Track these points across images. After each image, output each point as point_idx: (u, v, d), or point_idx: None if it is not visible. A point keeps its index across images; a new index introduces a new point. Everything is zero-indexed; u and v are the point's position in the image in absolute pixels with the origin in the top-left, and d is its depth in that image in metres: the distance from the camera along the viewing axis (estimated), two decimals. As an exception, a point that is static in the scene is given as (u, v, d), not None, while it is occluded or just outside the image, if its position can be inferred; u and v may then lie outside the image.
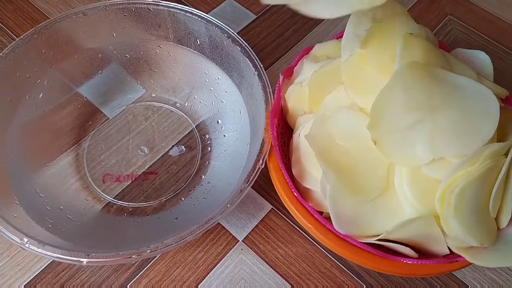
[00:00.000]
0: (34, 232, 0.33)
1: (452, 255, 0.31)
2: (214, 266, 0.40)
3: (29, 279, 0.38)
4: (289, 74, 0.39)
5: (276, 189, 0.35)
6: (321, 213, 0.33)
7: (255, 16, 0.56)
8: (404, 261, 0.30)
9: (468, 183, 0.28)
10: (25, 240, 0.31)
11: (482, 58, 0.36)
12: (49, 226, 0.35)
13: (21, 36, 0.39)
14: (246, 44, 0.40)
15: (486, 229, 0.30)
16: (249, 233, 0.41)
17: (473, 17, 0.57)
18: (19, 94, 0.39)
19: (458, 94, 0.30)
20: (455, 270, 0.32)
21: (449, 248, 0.31)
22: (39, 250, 0.31)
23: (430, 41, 0.33)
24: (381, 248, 0.31)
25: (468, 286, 0.40)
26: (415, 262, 0.30)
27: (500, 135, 0.31)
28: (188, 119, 0.47)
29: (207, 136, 0.46)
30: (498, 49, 0.54)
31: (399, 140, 0.30)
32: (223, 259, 0.40)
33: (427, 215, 0.29)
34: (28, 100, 0.40)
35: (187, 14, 0.41)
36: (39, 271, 0.39)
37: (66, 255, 0.31)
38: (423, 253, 0.32)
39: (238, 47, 0.40)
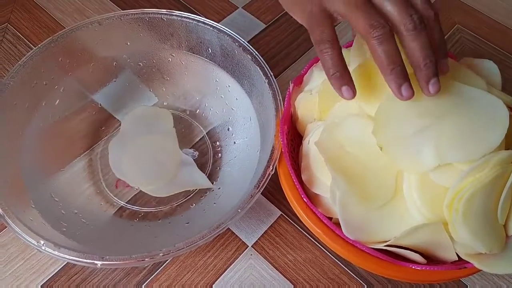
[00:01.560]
0: (50, 235, 0.33)
1: (460, 262, 0.31)
2: (224, 271, 0.40)
3: (43, 282, 0.39)
4: (299, 82, 0.40)
5: (285, 195, 0.35)
6: (330, 219, 0.33)
7: (265, 25, 0.56)
8: (413, 267, 0.31)
9: (477, 190, 0.28)
10: (42, 242, 0.32)
11: (490, 67, 0.37)
12: (64, 229, 0.36)
13: (39, 45, 0.40)
14: (257, 53, 0.41)
15: (495, 235, 0.30)
16: (258, 239, 0.42)
17: (482, 26, 0.58)
18: (36, 101, 0.41)
19: (467, 102, 0.31)
20: (464, 276, 0.32)
21: (457, 254, 0.31)
22: (55, 252, 0.32)
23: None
24: (390, 254, 0.31)
25: (477, 293, 0.40)
26: (423, 268, 0.30)
27: (508, 143, 0.31)
28: (199, 126, 0.47)
29: (217, 143, 0.46)
30: (506, 57, 0.55)
31: (405, 145, 0.30)
32: (233, 264, 0.41)
33: (435, 221, 0.30)
34: (44, 107, 0.41)
35: (199, 23, 0.42)
36: (52, 274, 0.40)
37: (81, 258, 0.32)
38: (431, 259, 0.32)
39: (248, 55, 0.40)
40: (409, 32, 0.28)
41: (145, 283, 0.39)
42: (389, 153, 0.31)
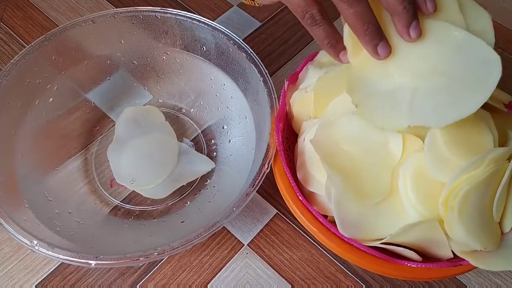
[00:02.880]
0: (43, 235, 0.33)
1: (456, 259, 0.31)
2: (220, 270, 0.40)
3: (37, 282, 0.39)
4: (294, 80, 0.39)
5: (281, 193, 0.35)
6: (325, 217, 0.33)
7: (260, 23, 0.56)
8: (408, 265, 0.31)
9: (472, 187, 0.28)
10: (35, 242, 0.32)
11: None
12: (58, 229, 0.36)
13: (32, 43, 0.40)
14: (252, 51, 0.40)
15: (490, 233, 0.30)
16: (254, 237, 0.42)
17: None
18: (29, 100, 0.40)
19: (451, 54, 0.29)
20: (459, 274, 0.32)
21: (453, 252, 0.31)
22: (49, 252, 0.31)
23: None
24: (386, 252, 0.31)
25: (472, 291, 0.40)
26: (419, 266, 0.30)
27: (502, 140, 0.31)
28: (194, 124, 0.47)
29: (212, 141, 0.46)
30: (502, 56, 0.55)
31: (379, 102, 0.30)
32: (229, 263, 0.40)
33: (431, 219, 0.30)
34: (37, 106, 0.41)
35: (193, 21, 0.42)
36: (47, 274, 0.39)
37: (74, 257, 0.31)
38: (427, 257, 0.32)
39: (243, 53, 0.40)
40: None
41: (140, 282, 0.39)
42: (363, 111, 0.30)
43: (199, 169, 0.43)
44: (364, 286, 0.40)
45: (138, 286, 0.39)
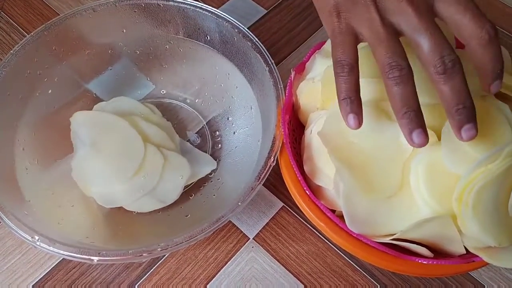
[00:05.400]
0: (45, 230, 0.33)
1: (468, 255, 0.30)
2: (225, 264, 0.39)
3: (41, 276, 0.39)
4: (301, 69, 0.38)
5: (287, 187, 0.34)
6: (333, 211, 0.32)
7: (266, 11, 0.55)
8: (420, 261, 0.30)
9: (487, 182, 0.27)
10: (36, 238, 0.31)
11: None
12: (60, 223, 0.35)
13: (31, 33, 0.39)
14: (257, 40, 0.39)
15: (505, 228, 0.29)
16: (260, 231, 0.41)
17: (490, 10, 0.56)
18: (30, 91, 0.39)
19: None
20: (472, 270, 0.31)
21: (465, 247, 0.30)
22: (50, 248, 0.31)
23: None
24: (395, 248, 0.30)
25: (484, 286, 0.39)
26: (430, 262, 0.29)
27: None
28: (199, 115, 0.46)
29: (217, 132, 0.45)
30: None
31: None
32: (234, 256, 0.40)
33: (444, 214, 0.28)
34: (38, 97, 0.40)
35: (197, 9, 0.41)
36: (50, 268, 0.39)
37: (76, 253, 0.31)
38: (438, 252, 0.31)
39: (248, 42, 0.39)
40: (438, 76, 0.26)
41: (144, 277, 0.39)
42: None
43: (201, 170, 0.41)
44: (373, 281, 0.39)
45: (142, 280, 0.39)
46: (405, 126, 0.27)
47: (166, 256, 0.40)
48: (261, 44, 0.39)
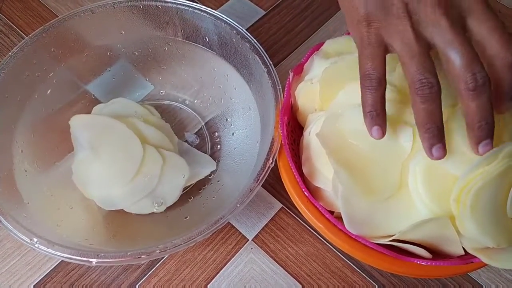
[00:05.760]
0: (44, 232, 0.33)
1: (467, 256, 0.30)
2: (224, 265, 0.39)
3: (40, 278, 0.38)
4: (299, 71, 0.38)
5: (286, 188, 0.34)
6: (332, 212, 0.32)
7: (264, 12, 0.55)
8: (418, 262, 0.30)
9: (485, 182, 0.27)
10: (35, 240, 0.31)
11: None
12: (59, 225, 0.35)
13: (30, 35, 0.39)
14: (255, 41, 0.39)
15: (503, 229, 0.29)
16: (259, 232, 0.41)
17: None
18: (29, 93, 0.39)
19: None
20: (470, 271, 0.31)
21: (464, 248, 0.30)
22: (49, 250, 0.31)
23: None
24: (394, 249, 0.30)
25: (483, 286, 0.39)
26: (429, 263, 0.29)
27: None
28: (197, 116, 0.46)
29: (216, 134, 0.45)
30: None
31: None
32: (233, 258, 0.40)
33: (442, 215, 0.28)
34: (37, 99, 0.40)
35: (195, 11, 0.41)
36: (49, 270, 0.39)
37: (75, 255, 0.31)
38: (437, 253, 0.31)
39: (247, 43, 0.39)
40: (468, 92, 0.26)
41: (143, 278, 0.39)
42: None
43: (200, 171, 0.41)
44: (371, 282, 0.39)
45: (141, 282, 0.39)
46: (426, 140, 0.27)
47: (165, 258, 0.40)
48: (260, 45, 0.39)
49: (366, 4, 0.29)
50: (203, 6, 0.41)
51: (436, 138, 0.27)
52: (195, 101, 0.47)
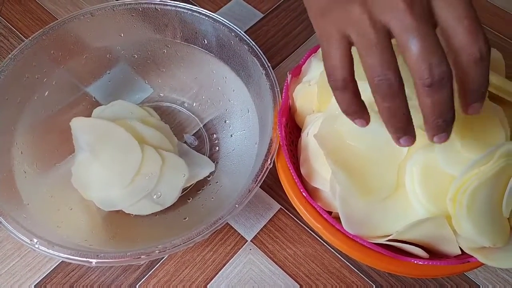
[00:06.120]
0: (44, 233, 0.33)
1: (463, 256, 0.30)
2: (223, 266, 0.40)
3: (39, 279, 0.39)
4: (297, 73, 0.39)
5: (284, 189, 0.34)
6: (330, 213, 0.32)
7: (263, 15, 0.55)
8: (415, 262, 0.30)
9: (481, 182, 0.28)
10: (35, 240, 0.31)
11: (493, 55, 0.35)
12: (59, 226, 0.35)
13: (30, 37, 0.39)
14: (254, 43, 0.40)
15: (499, 229, 0.29)
16: (257, 233, 0.41)
17: (484, 13, 0.56)
18: (28, 95, 0.40)
19: None
20: (467, 271, 0.31)
21: (460, 248, 0.30)
22: (49, 250, 0.31)
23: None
24: (391, 249, 0.30)
25: (479, 286, 0.39)
26: (426, 263, 0.30)
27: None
28: (196, 118, 0.47)
29: (214, 135, 0.45)
30: (508, 44, 0.54)
31: None
32: (232, 259, 0.40)
33: (438, 215, 0.29)
34: (36, 101, 0.40)
35: (194, 13, 0.41)
36: (49, 271, 0.39)
37: (75, 256, 0.31)
38: (434, 253, 0.31)
39: (245, 46, 0.39)
40: (423, 88, 0.23)
41: (143, 279, 0.39)
42: None
43: (199, 172, 0.42)
44: (369, 282, 0.39)
45: (140, 283, 0.39)
46: (392, 133, 0.26)
47: (164, 258, 0.40)
48: (258, 48, 0.39)
49: None
50: (202, 9, 0.41)
51: (401, 131, 0.25)
52: (194, 104, 0.47)
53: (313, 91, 0.35)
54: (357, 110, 0.27)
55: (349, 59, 0.25)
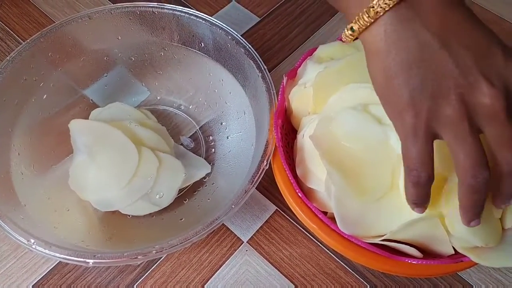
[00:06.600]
0: (41, 233, 0.33)
1: (457, 255, 0.31)
2: (219, 267, 0.40)
3: (36, 280, 0.39)
4: (293, 75, 0.39)
5: (280, 190, 0.35)
6: (325, 213, 0.33)
7: (259, 19, 0.56)
8: (409, 261, 0.30)
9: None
10: (32, 241, 0.31)
11: None
12: (56, 227, 0.35)
13: (28, 40, 0.39)
14: (250, 46, 0.40)
15: (491, 229, 0.30)
16: (253, 234, 0.41)
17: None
18: (26, 97, 0.40)
19: None
20: (460, 270, 0.32)
21: (454, 248, 0.30)
22: (46, 251, 0.31)
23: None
24: (386, 249, 0.31)
25: (473, 286, 0.40)
26: (420, 262, 0.30)
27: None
28: (192, 121, 0.47)
29: (211, 137, 0.46)
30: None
31: None
32: (228, 260, 0.40)
33: (432, 215, 0.29)
34: (34, 103, 0.40)
35: (191, 17, 0.41)
36: (45, 272, 0.39)
37: (72, 256, 0.31)
38: (428, 253, 0.32)
39: (242, 49, 0.40)
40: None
41: (139, 280, 0.39)
42: None
43: (195, 173, 0.42)
44: (364, 282, 0.40)
45: (137, 284, 0.39)
46: (465, 218, 0.27)
47: (161, 260, 0.40)
48: (254, 51, 0.40)
49: (408, 85, 0.25)
50: (199, 12, 0.42)
51: (478, 216, 0.27)
52: (190, 106, 0.47)
53: (308, 93, 0.36)
54: (425, 202, 0.28)
55: (433, 157, 0.26)
